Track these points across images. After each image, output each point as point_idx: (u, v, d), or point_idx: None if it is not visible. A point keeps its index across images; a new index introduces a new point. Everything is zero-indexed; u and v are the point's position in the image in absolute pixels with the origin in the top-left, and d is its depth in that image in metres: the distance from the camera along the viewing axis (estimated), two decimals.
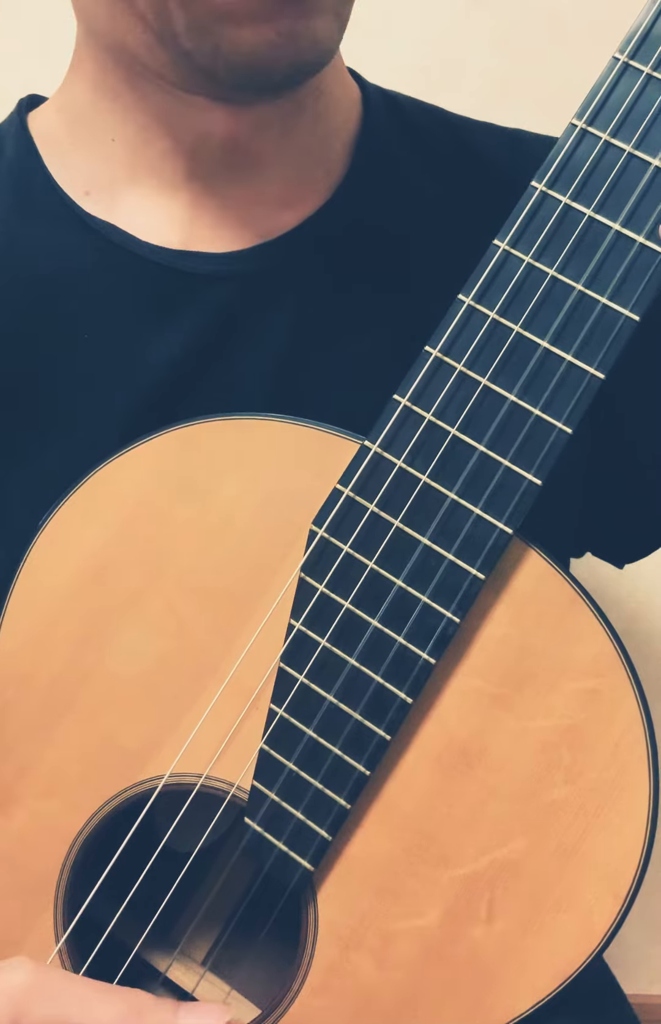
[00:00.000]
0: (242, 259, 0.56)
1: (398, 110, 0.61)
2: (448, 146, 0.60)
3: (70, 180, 0.56)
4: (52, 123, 0.58)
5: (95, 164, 0.56)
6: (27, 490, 0.57)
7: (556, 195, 0.43)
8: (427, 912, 0.48)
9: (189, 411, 0.51)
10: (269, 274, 0.56)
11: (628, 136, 0.42)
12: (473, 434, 0.45)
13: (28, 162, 0.57)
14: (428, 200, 0.58)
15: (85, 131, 0.56)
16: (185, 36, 0.45)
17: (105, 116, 0.55)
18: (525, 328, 0.44)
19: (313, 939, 0.49)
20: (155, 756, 0.51)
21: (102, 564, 0.51)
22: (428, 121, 0.61)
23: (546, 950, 0.47)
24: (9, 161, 0.57)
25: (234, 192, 0.56)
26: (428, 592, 0.46)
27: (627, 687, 0.46)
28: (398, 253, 0.58)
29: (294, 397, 0.55)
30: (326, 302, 0.56)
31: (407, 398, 0.46)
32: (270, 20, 0.45)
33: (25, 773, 0.53)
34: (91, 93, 0.55)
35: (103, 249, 0.56)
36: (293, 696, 0.48)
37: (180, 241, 0.56)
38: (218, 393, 0.56)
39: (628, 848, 0.46)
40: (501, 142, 0.61)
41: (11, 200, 0.56)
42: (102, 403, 0.56)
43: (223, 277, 0.55)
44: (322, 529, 0.47)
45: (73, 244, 0.56)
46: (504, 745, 0.47)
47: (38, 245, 0.56)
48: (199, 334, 0.56)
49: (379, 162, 0.58)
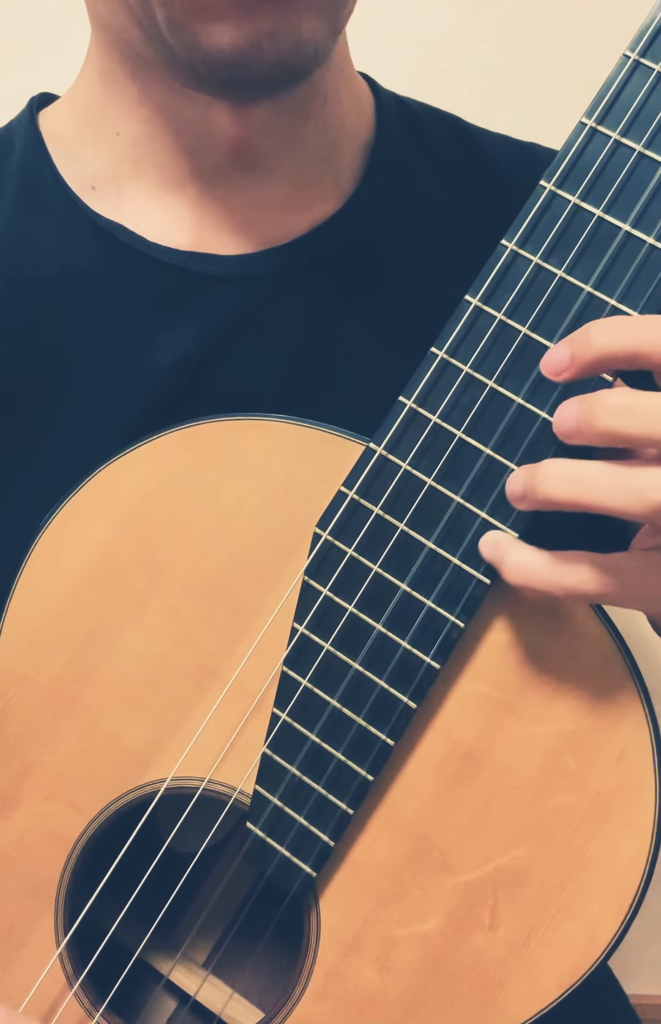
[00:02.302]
0: (251, 262, 0.55)
1: (412, 118, 0.60)
2: (462, 156, 0.60)
3: (77, 177, 0.56)
4: (62, 119, 0.58)
5: (102, 160, 0.56)
6: (31, 489, 0.56)
7: (565, 195, 0.43)
8: (430, 918, 0.48)
9: (194, 412, 0.51)
10: (278, 279, 0.55)
11: (638, 135, 0.41)
12: (479, 437, 0.44)
13: (36, 159, 0.56)
14: (440, 210, 0.58)
15: (93, 126, 0.56)
16: (166, 31, 0.45)
17: (112, 110, 0.54)
18: (533, 330, 0.43)
19: (315, 944, 0.49)
20: (157, 759, 0.51)
21: (104, 565, 0.51)
22: (442, 130, 0.61)
23: (549, 958, 0.47)
24: (18, 158, 0.57)
25: (239, 193, 0.55)
26: (433, 596, 0.45)
27: (633, 693, 0.45)
28: (408, 262, 0.57)
29: (300, 402, 0.55)
30: (334, 309, 0.56)
31: (413, 400, 0.45)
32: (248, 17, 0.44)
33: (26, 775, 0.52)
34: (99, 87, 0.55)
35: (111, 248, 0.55)
36: (296, 700, 0.48)
37: (188, 242, 0.55)
38: (224, 395, 0.56)
39: (633, 855, 0.46)
40: (516, 155, 0.61)
41: (19, 197, 0.56)
42: (107, 403, 0.56)
43: (231, 280, 0.55)
44: (326, 532, 0.47)
45: (80, 243, 0.56)
46: (508, 751, 0.46)
47: (45, 243, 0.56)
48: (206, 336, 0.55)
49: (392, 171, 0.58)
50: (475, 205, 0.58)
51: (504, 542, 0.43)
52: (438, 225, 0.58)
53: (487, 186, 0.59)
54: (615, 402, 0.37)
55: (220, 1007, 0.55)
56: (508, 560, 0.42)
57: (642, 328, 0.38)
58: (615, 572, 0.40)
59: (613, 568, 0.40)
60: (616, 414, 0.37)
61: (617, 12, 0.65)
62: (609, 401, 0.38)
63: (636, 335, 0.38)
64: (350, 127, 0.58)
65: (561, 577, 0.41)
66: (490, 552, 0.44)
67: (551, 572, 0.41)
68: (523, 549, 0.42)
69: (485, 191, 0.59)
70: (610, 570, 0.40)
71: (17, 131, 0.58)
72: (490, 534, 0.44)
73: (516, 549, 0.43)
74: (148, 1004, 0.57)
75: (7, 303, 0.56)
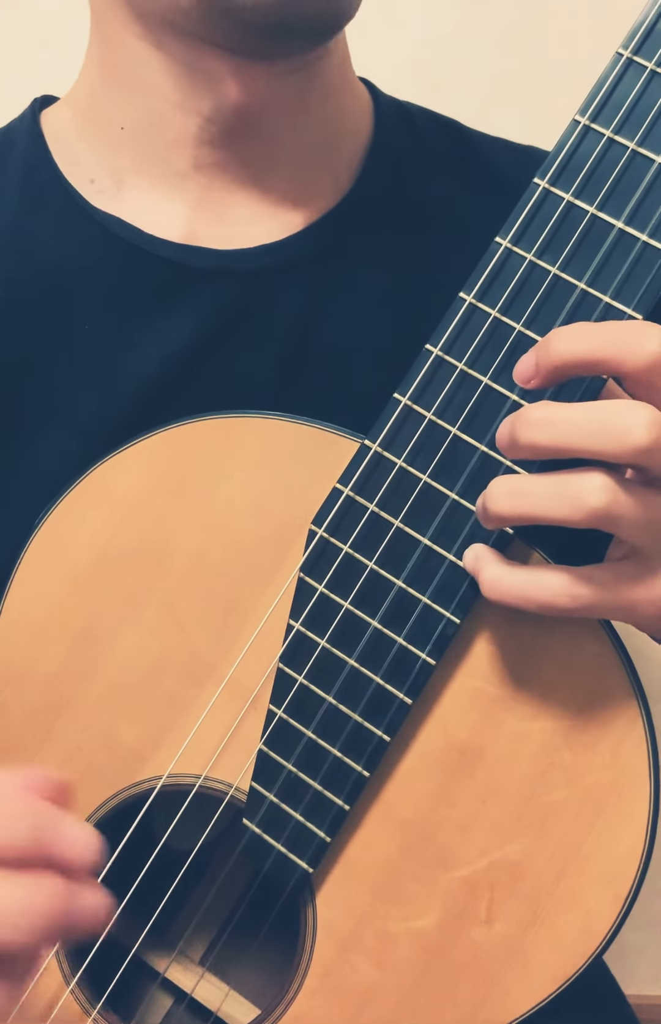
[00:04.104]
0: (246, 257, 0.56)
1: (410, 121, 0.61)
2: (458, 158, 0.60)
3: (78, 173, 0.57)
4: (63, 118, 0.58)
5: (102, 154, 0.56)
6: (23, 485, 0.56)
7: (559, 192, 0.43)
8: (426, 913, 0.48)
9: (188, 406, 0.51)
10: (272, 275, 0.56)
11: (632, 133, 0.42)
12: (474, 433, 0.44)
13: (37, 156, 0.57)
14: (435, 210, 0.58)
15: (93, 121, 0.56)
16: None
17: (114, 103, 0.55)
18: (527, 327, 0.43)
19: (312, 940, 0.49)
20: (153, 756, 0.51)
21: (100, 562, 0.51)
22: (440, 133, 0.61)
23: (546, 952, 0.47)
24: (18, 156, 0.57)
25: (240, 188, 0.56)
26: (428, 593, 0.46)
27: (627, 688, 0.46)
28: (402, 260, 0.58)
29: (293, 397, 0.55)
30: (328, 305, 0.56)
31: (407, 397, 0.45)
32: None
33: None
34: (101, 80, 0.55)
35: (107, 241, 0.56)
36: (292, 697, 0.48)
37: (184, 235, 0.56)
38: (217, 389, 0.56)
39: (628, 850, 0.46)
40: (513, 157, 0.61)
41: (18, 193, 0.57)
42: (99, 396, 0.56)
43: (225, 274, 0.55)
44: (322, 529, 0.47)
45: (77, 236, 0.56)
46: (504, 746, 0.46)
47: (42, 237, 0.56)
48: (199, 329, 0.55)
49: (388, 171, 0.58)
50: (471, 206, 0.58)
51: (483, 556, 0.44)
52: (434, 224, 0.58)
53: (484, 187, 0.59)
54: (534, 416, 0.39)
55: (217, 1004, 0.56)
56: (482, 576, 0.43)
57: (602, 335, 0.38)
58: (587, 585, 0.40)
59: (585, 581, 0.41)
60: (534, 428, 0.38)
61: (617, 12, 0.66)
62: (529, 416, 0.39)
63: (595, 342, 0.38)
64: (349, 127, 0.58)
65: (533, 592, 0.41)
66: (470, 566, 0.44)
67: (523, 587, 0.41)
68: (496, 564, 0.43)
69: (481, 192, 0.59)
70: (582, 583, 0.40)
71: (19, 130, 0.59)
72: (473, 547, 0.44)
73: (490, 564, 0.43)
74: (145, 1001, 0.57)
75: (4, 297, 0.56)
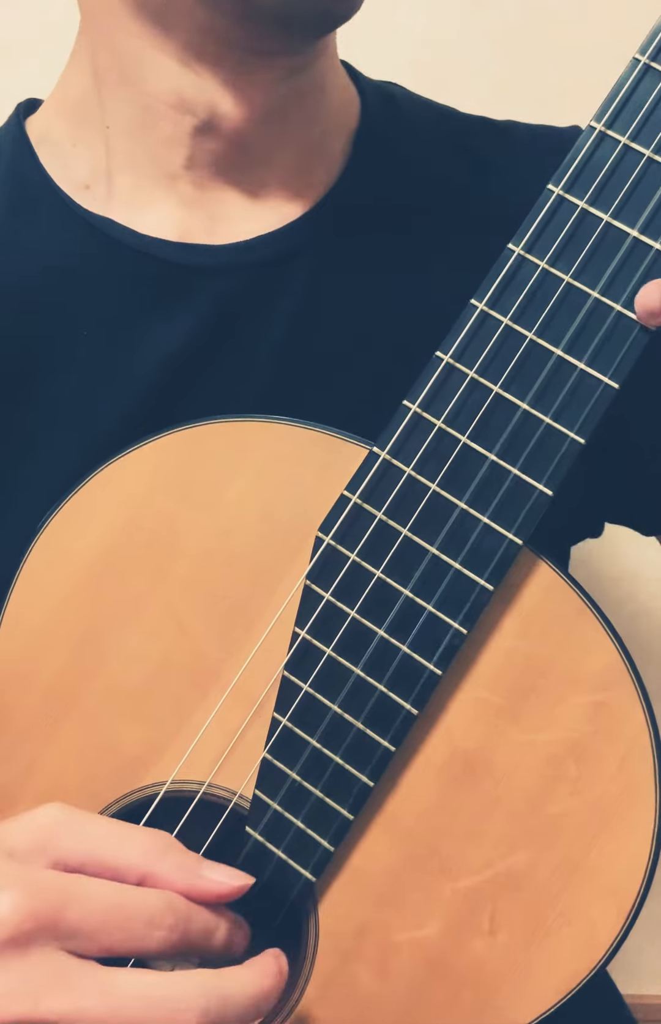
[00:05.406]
0: (241, 251, 0.55)
1: (393, 104, 0.61)
2: (440, 138, 0.61)
3: (66, 176, 0.57)
4: (48, 121, 0.58)
5: (90, 156, 0.56)
6: (26, 489, 0.56)
7: (573, 199, 0.42)
8: (429, 924, 0.48)
9: (190, 406, 0.50)
10: (268, 266, 0.56)
11: (648, 140, 0.41)
12: (484, 442, 0.44)
13: (24, 162, 0.57)
14: (425, 191, 0.58)
15: (80, 123, 0.56)
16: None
17: (106, 103, 0.54)
18: (539, 335, 0.43)
19: (313, 949, 0.49)
20: (156, 762, 0.50)
21: (103, 566, 0.50)
22: (422, 113, 0.61)
23: (549, 963, 0.47)
24: (5, 163, 0.57)
25: (233, 185, 0.55)
26: (435, 602, 0.45)
27: (634, 700, 0.45)
28: (398, 242, 0.57)
29: (294, 392, 0.55)
30: (325, 295, 0.56)
31: (417, 404, 0.45)
32: None
33: (24, 776, 0.52)
34: (93, 81, 0.54)
35: (100, 244, 0.55)
36: (297, 705, 0.48)
37: (178, 234, 0.55)
38: (219, 388, 0.56)
39: (633, 862, 0.46)
40: (491, 133, 0.62)
41: (7, 201, 0.56)
42: (102, 400, 0.56)
43: (222, 270, 0.55)
44: (329, 536, 0.47)
45: (70, 240, 0.56)
46: (509, 757, 0.46)
47: (35, 243, 0.56)
48: (199, 328, 0.55)
49: (377, 155, 0.58)
50: (458, 184, 0.58)
51: None
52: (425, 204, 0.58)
53: (466, 164, 0.60)
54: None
55: None
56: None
57: None
58: None
59: None
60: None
61: (617, 12, 0.65)
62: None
63: None
64: (338, 116, 0.58)
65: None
66: None
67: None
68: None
69: (465, 169, 0.59)
70: None
71: (4, 137, 0.58)
72: None
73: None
74: None
75: (0, 306, 0.55)
